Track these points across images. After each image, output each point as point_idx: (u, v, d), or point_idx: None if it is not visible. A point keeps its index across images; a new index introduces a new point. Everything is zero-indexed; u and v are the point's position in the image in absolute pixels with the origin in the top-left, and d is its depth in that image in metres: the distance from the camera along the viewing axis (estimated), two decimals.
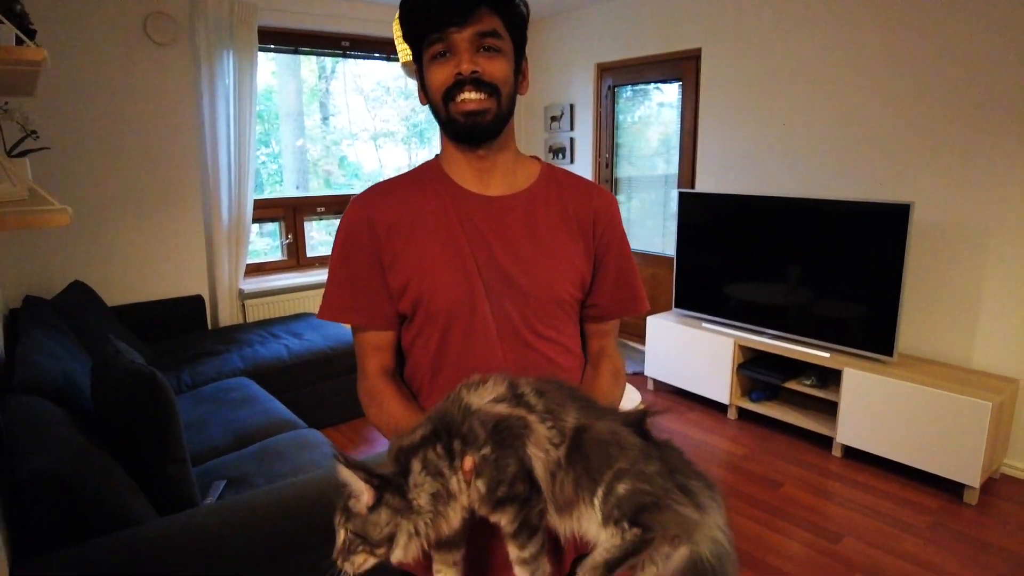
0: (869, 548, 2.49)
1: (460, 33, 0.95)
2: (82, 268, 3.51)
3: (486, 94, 0.97)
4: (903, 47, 3.13)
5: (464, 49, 0.96)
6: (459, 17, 0.94)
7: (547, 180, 1.10)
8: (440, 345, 1.02)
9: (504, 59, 0.98)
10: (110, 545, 1.47)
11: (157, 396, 1.81)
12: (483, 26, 0.95)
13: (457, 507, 0.80)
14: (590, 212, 1.08)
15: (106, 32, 3.44)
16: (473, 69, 0.95)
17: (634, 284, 1.13)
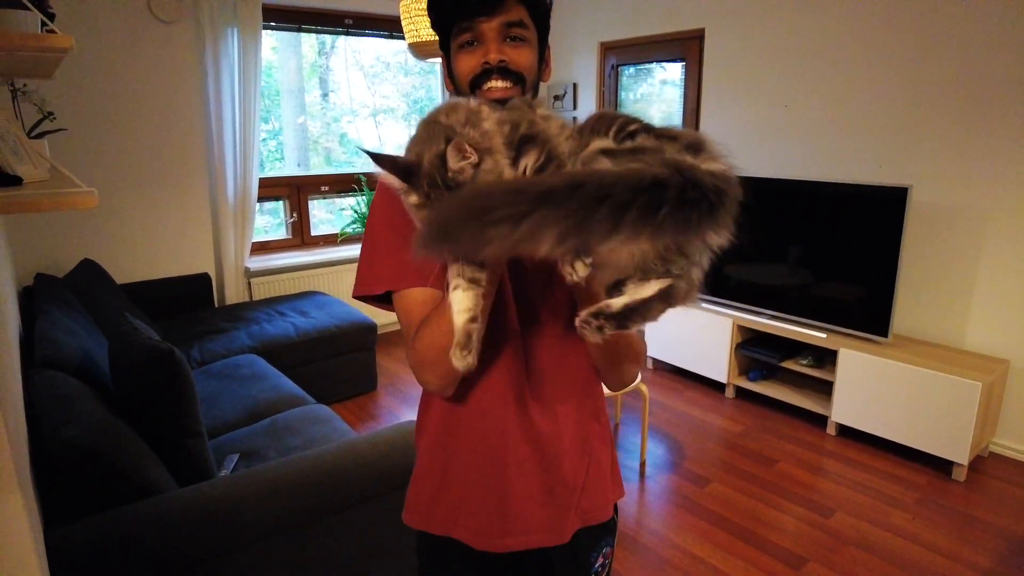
0: (860, 522, 2.58)
1: (488, 23, 0.98)
2: (91, 246, 3.55)
3: (512, 83, 1.00)
4: (904, 31, 3.15)
5: (492, 39, 0.99)
6: (488, 8, 0.97)
7: None
8: None
9: (529, 48, 1.01)
10: (136, 513, 1.54)
11: (175, 372, 1.87)
12: (510, 16, 0.98)
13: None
14: None
15: (111, 10, 3.44)
16: (500, 58, 0.99)
17: None
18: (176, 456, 1.89)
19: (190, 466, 1.91)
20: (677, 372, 4.07)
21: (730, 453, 3.13)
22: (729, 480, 2.89)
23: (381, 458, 1.86)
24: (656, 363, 4.16)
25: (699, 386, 3.88)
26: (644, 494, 2.80)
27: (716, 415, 3.53)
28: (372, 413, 3.54)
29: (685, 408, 3.61)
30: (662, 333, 3.98)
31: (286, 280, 4.26)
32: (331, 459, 1.80)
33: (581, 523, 1.11)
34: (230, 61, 3.79)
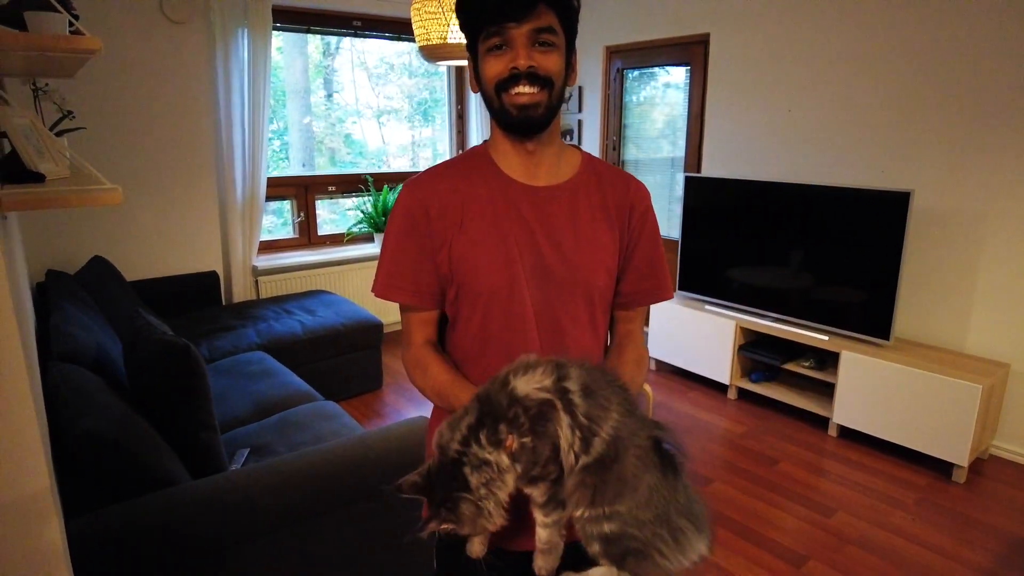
0: (860, 522, 2.61)
1: (518, 28, 0.99)
2: (101, 243, 3.59)
3: (539, 87, 1.02)
4: (907, 37, 3.19)
5: (521, 44, 1.00)
6: (518, 13, 0.98)
7: (588, 171, 1.15)
8: (481, 326, 1.09)
9: (558, 53, 1.03)
10: (153, 503, 1.58)
11: (190, 366, 1.90)
12: (540, 22, 0.99)
13: (508, 479, 0.87)
14: (627, 203, 1.14)
15: (123, 11, 3.48)
16: (530, 64, 1.00)
17: (661, 273, 1.18)
18: (190, 449, 1.92)
19: (203, 459, 1.94)
20: (680, 373, 4.10)
21: (732, 453, 3.16)
22: (731, 480, 2.92)
23: (392, 452, 1.89)
24: (659, 364, 4.20)
25: (702, 387, 3.91)
26: None
27: (719, 416, 3.56)
28: (378, 411, 3.58)
29: (688, 409, 3.64)
30: (666, 335, 4.01)
31: (293, 279, 4.30)
32: (342, 452, 1.84)
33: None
34: (240, 61, 3.83)
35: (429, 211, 1.08)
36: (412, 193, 1.11)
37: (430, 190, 1.10)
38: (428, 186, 1.11)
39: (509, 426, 0.86)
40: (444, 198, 1.09)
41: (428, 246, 1.09)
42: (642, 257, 1.16)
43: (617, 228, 1.13)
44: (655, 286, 1.18)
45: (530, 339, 1.08)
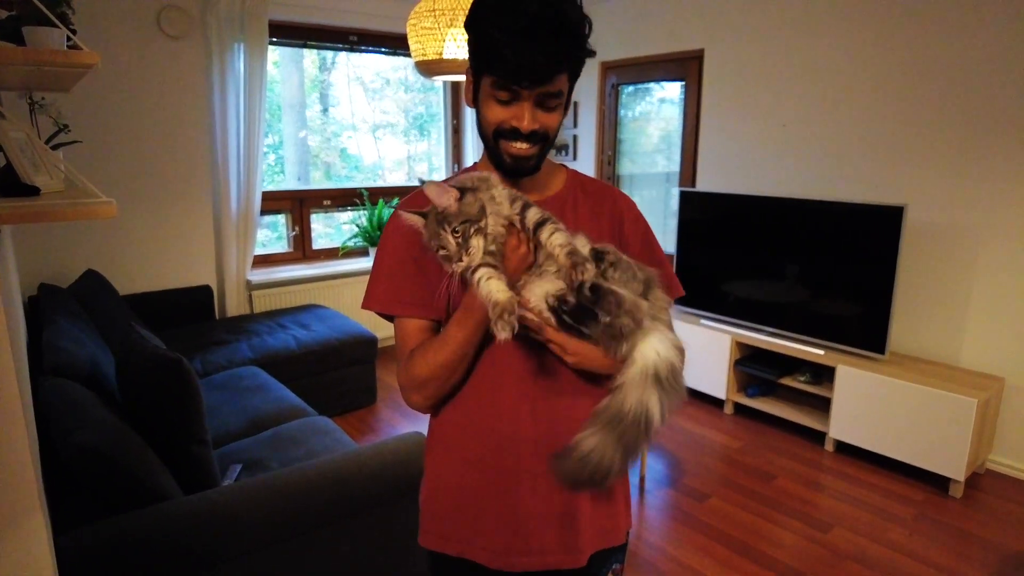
0: (857, 537, 2.60)
1: (529, 90, 0.98)
2: (94, 257, 3.58)
3: (538, 144, 1.03)
4: (900, 52, 3.22)
5: (528, 105, 0.99)
6: (535, 82, 0.98)
7: (573, 185, 1.17)
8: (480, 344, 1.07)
9: (561, 109, 1.03)
10: (144, 518, 1.56)
11: (183, 380, 1.89)
12: (552, 87, 0.99)
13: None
14: (618, 212, 1.16)
15: (120, 25, 3.50)
16: (534, 128, 1.01)
17: (669, 275, 1.16)
18: (182, 463, 1.90)
19: (196, 474, 1.92)
20: None
21: (729, 469, 3.15)
22: (728, 495, 2.91)
23: (386, 467, 1.88)
24: None
25: (698, 402, 3.90)
26: (644, 509, 2.82)
27: (715, 431, 3.55)
28: (372, 426, 3.55)
29: (684, 424, 3.63)
30: None
31: (287, 293, 4.28)
32: (336, 468, 1.82)
33: (596, 546, 1.12)
34: (236, 76, 3.84)
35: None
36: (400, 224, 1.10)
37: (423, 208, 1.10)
38: (421, 204, 1.09)
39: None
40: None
41: (421, 261, 1.08)
42: (643, 260, 1.14)
43: (609, 237, 1.13)
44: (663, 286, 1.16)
45: (520, 357, 1.06)
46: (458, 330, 1.01)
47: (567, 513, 1.09)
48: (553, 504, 1.08)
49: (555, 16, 0.95)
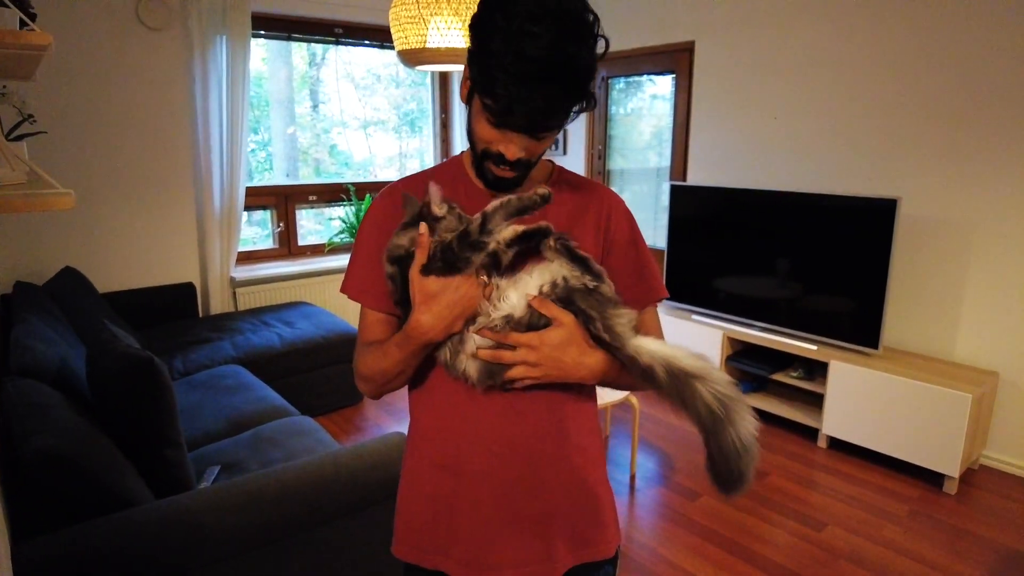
0: (852, 536, 2.56)
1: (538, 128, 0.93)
2: (72, 254, 3.50)
3: (522, 168, 0.99)
4: (893, 44, 3.18)
5: (517, 138, 0.94)
6: (527, 130, 0.92)
7: (558, 181, 1.10)
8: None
9: (552, 138, 0.97)
10: (110, 525, 1.49)
11: (154, 380, 1.82)
12: (552, 123, 0.93)
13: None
14: (604, 209, 1.09)
15: (98, 16, 3.41)
16: (519, 158, 0.95)
17: (652, 275, 1.12)
18: (155, 467, 1.83)
19: (169, 477, 1.86)
20: None
21: None
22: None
23: (365, 470, 1.81)
24: None
25: None
26: (634, 508, 2.76)
27: None
28: (358, 425, 3.49)
29: (675, 421, 3.58)
30: None
31: (272, 290, 4.21)
32: (313, 470, 1.76)
33: (575, 559, 1.06)
34: (218, 69, 3.76)
35: (399, 211, 1.04)
36: (383, 199, 1.08)
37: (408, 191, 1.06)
38: (405, 189, 1.07)
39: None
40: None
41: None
42: (628, 260, 1.10)
43: (592, 234, 1.07)
44: (648, 287, 1.11)
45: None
46: (397, 351, 0.97)
47: (541, 522, 1.03)
48: (526, 513, 1.02)
49: (564, 63, 0.87)
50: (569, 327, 0.94)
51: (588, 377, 0.98)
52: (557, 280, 0.95)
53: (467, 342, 0.95)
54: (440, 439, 1.05)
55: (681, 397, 0.89)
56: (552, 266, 0.97)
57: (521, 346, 0.94)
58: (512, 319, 0.94)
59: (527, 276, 0.97)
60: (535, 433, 1.01)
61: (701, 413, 0.88)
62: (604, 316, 0.94)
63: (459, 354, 0.96)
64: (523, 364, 0.95)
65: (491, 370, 0.96)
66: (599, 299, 0.95)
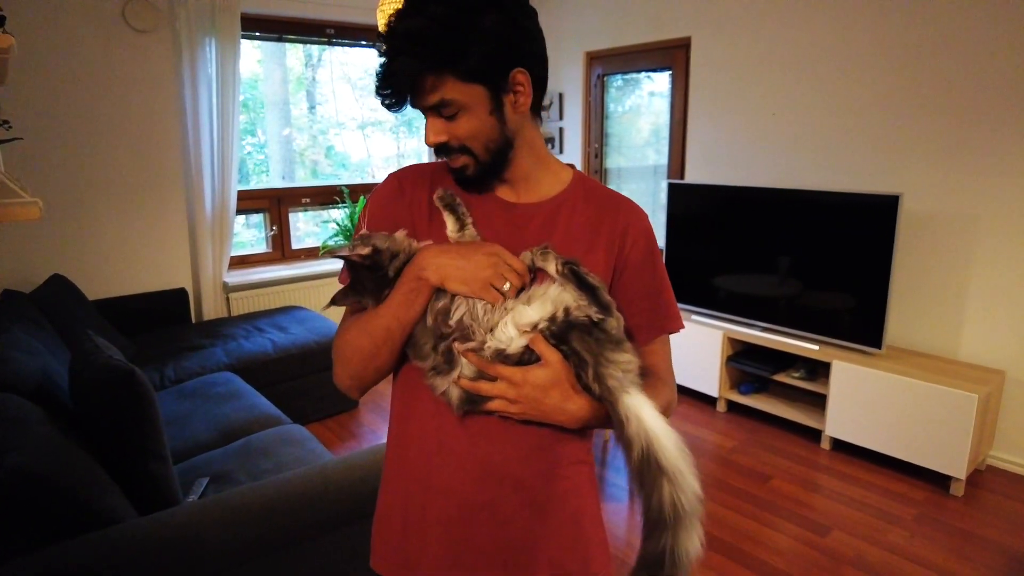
0: (857, 540, 2.50)
1: (416, 104, 0.92)
2: (62, 261, 3.44)
3: (457, 154, 0.94)
4: (893, 38, 3.11)
5: (427, 117, 0.93)
6: (398, 104, 0.90)
7: (576, 189, 1.03)
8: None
9: (467, 116, 0.91)
10: (89, 544, 1.44)
11: (136, 393, 1.76)
12: (429, 100, 0.90)
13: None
14: (619, 226, 1.01)
15: (83, 18, 3.36)
16: (436, 141, 0.93)
17: (667, 303, 1.05)
18: (138, 482, 1.78)
19: (153, 492, 1.80)
20: None
21: (722, 469, 3.04)
22: (721, 498, 2.80)
23: (354, 482, 1.76)
24: None
25: (689, 400, 3.80)
26: (634, 514, 2.71)
27: (707, 430, 3.45)
28: (353, 432, 3.44)
29: (675, 423, 3.47)
30: None
31: (266, 295, 4.15)
32: (300, 485, 1.70)
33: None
34: (208, 71, 3.70)
35: (403, 195, 1.02)
36: (389, 181, 1.05)
37: (409, 180, 1.04)
38: (408, 176, 1.04)
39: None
40: (420, 192, 1.02)
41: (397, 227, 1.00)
42: (643, 284, 1.02)
43: (604, 251, 0.99)
44: (664, 316, 1.04)
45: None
46: (387, 302, 0.94)
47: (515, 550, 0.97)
48: (499, 539, 0.96)
49: (406, 19, 0.87)
50: (555, 368, 0.89)
51: (568, 423, 0.92)
52: (558, 313, 0.89)
53: (456, 366, 0.90)
54: (413, 450, 0.99)
55: (641, 482, 0.83)
56: (556, 294, 0.91)
57: (503, 379, 0.89)
58: (503, 354, 0.89)
59: (525, 307, 0.90)
60: (513, 457, 0.95)
61: (652, 508, 0.82)
62: (599, 361, 0.87)
63: (443, 375, 0.92)
64: (502, 399, 0.90)
65: (472, 397, 0.91)
66: (599, 337, 0.89)
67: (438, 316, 0.91)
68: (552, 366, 0.89)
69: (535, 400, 0.89)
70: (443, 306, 0.91)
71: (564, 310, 0.89)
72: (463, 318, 0.90)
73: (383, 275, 0.93)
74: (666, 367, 1.06)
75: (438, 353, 0.92)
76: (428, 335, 0.92)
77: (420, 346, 0.93)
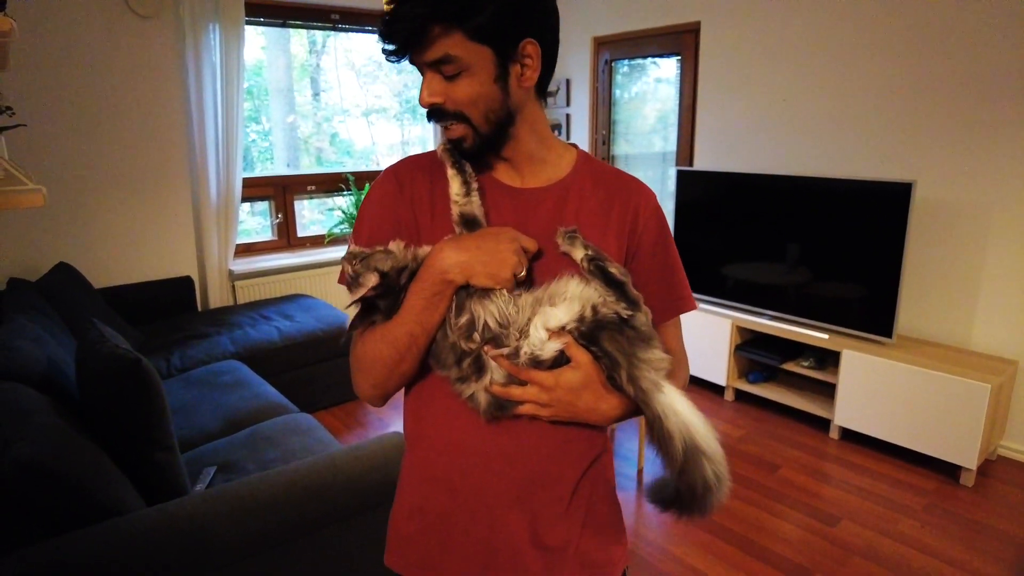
0: (866, 531, 2.48)
1: (417, 58, 0.87)
2: (67, 249, 3.43)
3: (453, 122, 0.90)
4: (906, 23, 3.05)
5: (425, 75, 0.88)
6: (401, 49, 0.86)
7: (582, 171, 1.00)
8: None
9: (469, 78, 0.86)
10: (96, 536, 1.43)
11: (143, 382, 1.75)
12: (432, 54, 0.85)
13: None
14: (630, 207, 0.99)
15: (86, 4, 3.32)
16: (430, 102, 0.88)
17: (680, 283, 1.03)
18: (146, 472, 1.77)
19: (161, 482, 1.80)
20: None
21: (731, 459, 2.99)
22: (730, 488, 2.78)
23: (364, 472, 1.75)
24: None
25: (698, 389, 3.78)
26: (642, 504, 2.70)
27: (715, 419, 3.43)
28: (360, 420, 3.43)
29: None
30: None
31: (272, 283, 4.14)
32: (309, 475, 1.69)
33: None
34: (212, 58, 3.67)
35: (403, 191, 0.97)
36: (387, 177, 1.00)
37: (407, 176, 0.99)
38: (406, 171, 0.99)
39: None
40: (420, 187, 0.98)
41: (396, 229, 0.96)
42: (656, 265, 1.00)
43: (614, 235, 0.97)
44: (676, 296, 1.02)
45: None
46: (409, 306, 0.88)
47: (543, 545, 0.95)
48: (525, 534, 0.94)
49: None
50: (586, 369, 0.87)
51: (600, 422, 0.91)
52: (585, 312, 0.87)
53: (486, 372, 0.88)
54: (434, 450, 0.97)
55: (684, 468, 0.86)
56: (580, 291, 0.88)
57: (534, 384, 0.87)
58: (537, 359, 0.87)
59: (551, 308, 0.87)
60: (537, 452, 0.93)
61: (697, 484, 0.86)
62: (632, 363, 0.86)
63: (471, 381, 0.89)
64: (533, 403, 0.88)
65: (500, 402, 0.89)
66: (630, 335, 0.87)
67: (461, 331, 0.88)
68: (583, 367, 0.87)
69: (568, 403, 0.88)
70: (466, 321, 0.87)
71: (592, 308, 0.87)
72: (489, 324, 0.87)
73: (395, 292, 0.89)
74: (680, 346, 1.06)
75: (463, 366, 0.89)
76: (450, 348, 0.89)
77: (443, 357, 0.90)
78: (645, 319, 0.90)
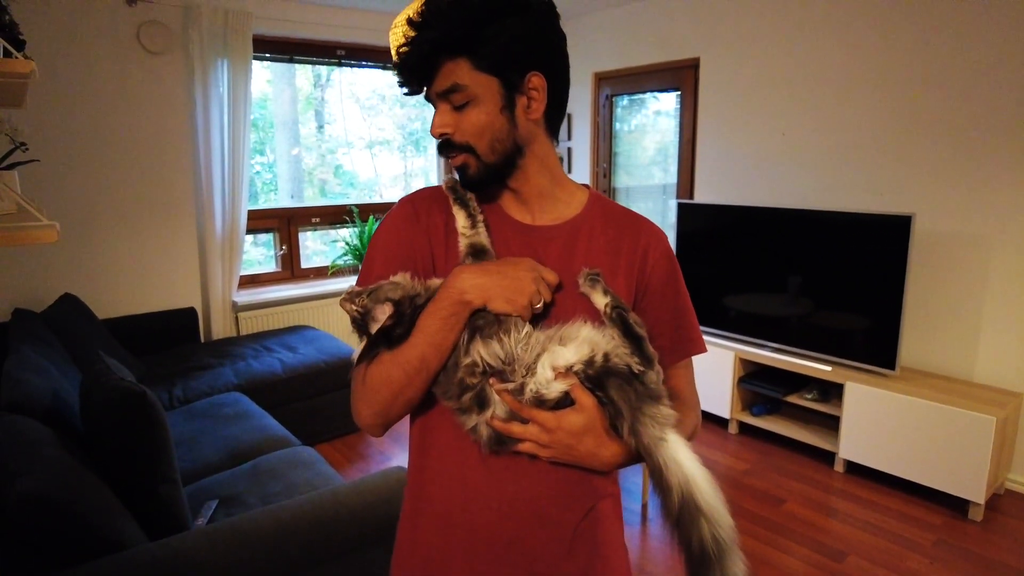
0: (873, 567, 2.45)
1: (428, 89, 0.91)
2: (72, 280, 3.45)
3: (458, 152, 0.92)
4: (903, 57, 3.12)
5: (436, 107, 0.92)
6: (413, 79, 0.90)
7: (593, 210, 1.01)
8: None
9: (476, 109, 0.89)
10: (99, 571, 1.42)
11: (147, 415, 1.76)
12: (440, 84, 0.89)
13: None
14: (640, 247, 0.99)
15: (98, 41, 3.40)
16: (441, 132, 0.91)
17: (690, 325, 1.03)
18: (149, 505, 1.77)
19: (163, 515, 1.79)
20: None
21: (735, 493, 3.00)
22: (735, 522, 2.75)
23: (366, 507, 1.74)
24: None
25: (702, 422, 3.75)
26: (646, 538, 2.67)
27: (720, 452, 3.41)
28: (362, 453, 3.41)
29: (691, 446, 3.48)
30: None
31: (275, 314, 4.15)
32: (312, 509, 1.69)
33: None
34: (219, 92, 3.74)
35: (419, 221, 0.98)
36: (403, 205, 1.01)
37: (423, 206, 1.00)
38: (422, 202, 1.01)
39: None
40: (436, 218, 0.99)
41: (411, 259, 0.97)
42: (666, 306, 1.00)
43: (624, 275, 0.98)
44: (686, 338, 1.02)
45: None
46: (424, 327, 0.88)
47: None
48: (524, 575, 0.93)
49: (433, 12, 0.87)
50: (589, 413, 0.86)
51: (600, 467, 0.90)
52: (596, 357, 0.86)
53: (489, 405, 0.88)
54: (435, 485, 0.97)
55: (679, 523, 0.82)
56: (590, 334, 0.88)
57: (536, 423, 0.86)
58: (541, 398, 0.86)
59: (560, 347, 0.87)
60: (540, 493, 0.93)
61: (694, 547, 0.81)
62: (636, 416, 0.85)
63: (475, 412, 0.89)
64: (533, 442, 0.88)
65: (502, 437, 0.89)
66: (638, 391, 0.86)
67: (467, 369, 0.88)
68: (587, 411, 0.86)
69: (568, 446, 0.87)
70: (470, 363, 0.87)
71: (603, 355, 0.86)
72: (497, 356, 0.87)
73: (406, 321, 0.89)
74: (690, 390, 1.04)
75: (464, 399, 0.89)
76: (455, 381, 0.89)
77: (448, 387, 0.90)
78: (656, 378, 0.89)
